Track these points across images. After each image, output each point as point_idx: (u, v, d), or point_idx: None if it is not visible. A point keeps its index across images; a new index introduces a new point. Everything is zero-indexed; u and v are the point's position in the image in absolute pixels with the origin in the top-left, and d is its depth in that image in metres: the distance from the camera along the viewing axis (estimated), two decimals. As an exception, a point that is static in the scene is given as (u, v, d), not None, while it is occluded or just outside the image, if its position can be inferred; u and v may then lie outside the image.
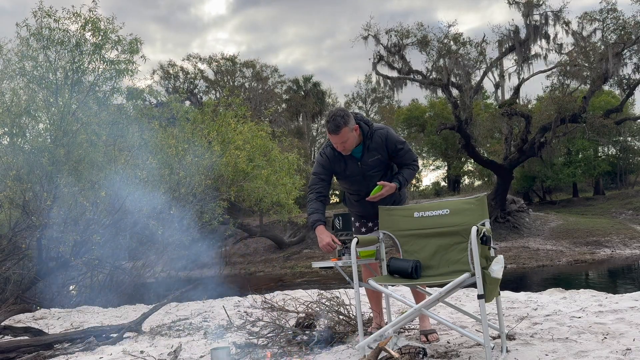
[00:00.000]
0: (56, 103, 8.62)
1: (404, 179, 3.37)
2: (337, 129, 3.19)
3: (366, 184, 3.39)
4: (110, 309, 6.83)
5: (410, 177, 3.44)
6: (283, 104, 35.50)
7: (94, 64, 8.89)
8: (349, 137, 3.24)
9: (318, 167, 3.48)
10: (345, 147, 3.28)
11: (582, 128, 21.22)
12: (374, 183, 3.35)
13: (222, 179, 10.61)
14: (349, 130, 3.22)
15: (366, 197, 3.35)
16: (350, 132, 3.23)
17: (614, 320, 3.45)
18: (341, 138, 3.23)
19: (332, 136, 3.24)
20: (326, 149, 3.45)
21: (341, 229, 3.18)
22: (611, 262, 17.04)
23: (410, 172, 3.44)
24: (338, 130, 3.19)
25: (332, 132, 3.21)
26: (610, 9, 19.84)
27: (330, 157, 3.42)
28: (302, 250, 23.38)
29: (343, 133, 3.20)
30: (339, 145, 3.28)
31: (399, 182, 3.34)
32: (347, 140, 3.25)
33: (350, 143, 3.28)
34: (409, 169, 3.43)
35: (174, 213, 8.26)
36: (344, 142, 3.25)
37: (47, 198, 7.67)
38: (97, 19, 8.70)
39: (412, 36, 20.95)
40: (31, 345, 4.06)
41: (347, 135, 3.22)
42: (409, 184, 3.53)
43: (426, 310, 2.87)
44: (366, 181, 3.40)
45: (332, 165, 3.43)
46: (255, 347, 3.45)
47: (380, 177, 3.39)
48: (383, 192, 3.27)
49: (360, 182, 3.43)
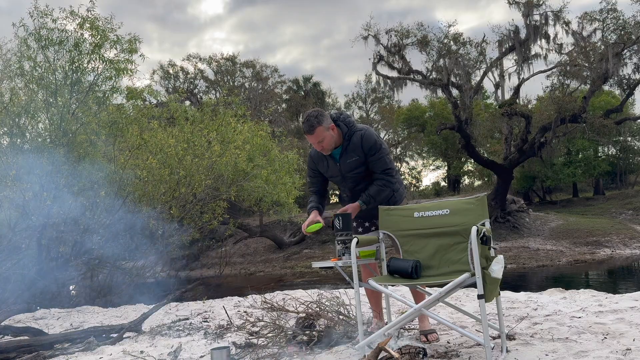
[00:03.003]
0: (56, 103, 8.62)
1: (368, 197, 3.33)
2: (311, 128, 3.24)
3: (347, 185, 3.46)
4: (110, 309, 6.83)
5: (376, 194, 3.33)
6: (283, 104, 35.49)
7: (93, 63, 8.90)
8: (325, 136, 3.27)
9: (308, 169, 3.63)
10: (323, 146, 3.31)
11: (582, 128, 21.21)
12: (354, 184, 3.42)
13: (222, 178, 10.60)
14: (324, 129, 3.25)
15: (352, 197, 3.43)
16: (325, 130, 3.26)
17: (614, 320, 3.45)
18: (317, 137, 3.26)
19: (308, 137, 3.29)
20: (312, 150, 3.54)
21: (341, 229, 3.17)
22: (611, 262, 17.03)
23: (376, 188, 3.33)
24: (312, 130, 3.24)
25: (307, 132, 3.26)
26: (610, 9, 19.83)
27: (314, 158, 3.52)
28: (302, 250, 23.36)
29: (318, 132, 3.24)
30: (317, 145, 3.32)
31: (362, 201, 3.33)
32: (324, 139, 3.28)
33: (328, 142, 3.30)
34: (377, 185, 3.33)
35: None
36: (321, 142, 3.29)
37: (47, 198, 7.66)
38: (96, 18, 8.70)
39: (412, 36, 20.94)
40: (31, 345, 4.06)
41: (322, 134, 3.25)
42: (378, 200, 3.35)
43: (426, 310, 2.86)
44: (346, 182, 3.45)
45: (317, 166, 3.53)
46: (255, 347, 3.45)
47: (361, 179, 3.41)
48: (349, 211, 3.28)
49: (340, 182, 3.50)
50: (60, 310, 6.84)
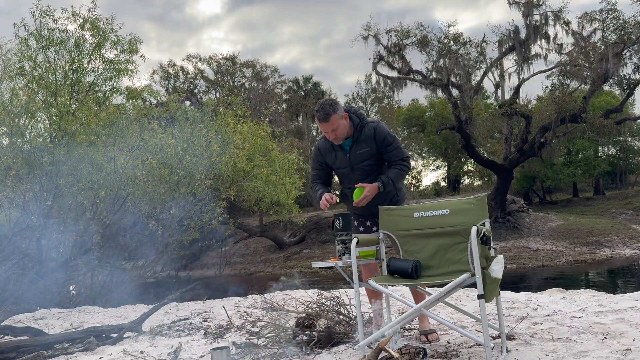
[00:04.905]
0: (56, 103, 8.62)
1: (387, 179, 3.32)
2: (326, 116, 3.22)
3: (354, 177, 3.41)
4: (110, 309, 6.83)
5: (396, 178, 3.35)
6: (283, 104, 35.50)
7: (93, 63, 8.90)
8: (339, 124, 3.26)
9: (314, 162, 3.57)
10: (336, 135, 3.29)
11: (582, 128, 21.21)
12: (362, 176, 3.37)
13: (221, 178, 10.60)
14: (338, 117, 3.25)
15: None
16: (339, 119, 3.26)
17: (614, 320, 3.45)
18: (331, 125, 3.25)
19: (322, 124, 3.26)
20: (320, 141, 3.51)
21: (341, 229, 3.17)
22: (611, 262, 17.04)
23: (396, 172, 3.35)
24: (327, 118, 3.22)
25: (322, 119, 3.24)
26: (610, 9, 19.84)
27: (322, 149, 3.48)
28: (302, 250, 23.36)
29: (333, 120, 3.23)
30: (330, 133, 3.29)
31: (382, 182, 3.30)
32: (338, 127, 3.26)
33: (341, 131, 3.29)
34: (396, 169, 3.35)
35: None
36: (335, 130, 3.27)
37: (47, 198, 7.66)
38: (97, 18, 8.70)
39: (412, 36, 20.95)
40: (31, 345, 4.06)
41: (336, 122, 3.25)
42: (397, 185, 3.41)
43: (426, 310, 2.86)
44: (354, 174, 3.41)
45: (324, 157, 3.48)
46: (255, 347, 3.45)
47: (370, 171, 3.39)
48: (366, 193, 3.25)
49: (348, 174, 3.45)
50: (60, 310, 6.83)
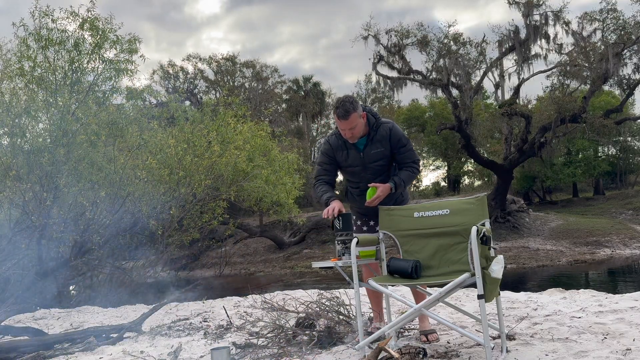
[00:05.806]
0: (56, 103, 8.62)
1: (399, 180, 3.35)
2: (346, 114, 3.21)
3: (366, 176, 3.41)
4: (110, 309, 6.83)
5: (407, 179, 3.40)
6: (283, 104, 35.48)
7: (92, 63, 8.90)
8: (358, 123, 3.26)
9: (322, 156, 3.52)
10: (353, 133, 3.29)
11: (582, 128, 21.20)
12: (373, 176, 3.37)
13: (221, 178, 10.60)
14: (357, 116, 3.24)
15: (365, 191, 3.36)
16: (358, 118, 3.26)
17: (614, 320, 3.45)
18: (350, 124, 3.24)
19: (341, 122, 3.25)
20: (331, 137, 3.48)
21: (341, 229, 3.18)
22: (611, 262, 17.03)
23: (408, 174, 3.40)
24: (347, 116, 3.21)
25: (342, 117, 3.22)
26: (610, 9, 19.82)
27: (334, 145, 3.44)
28: (302, 250, 23.36)
29: (352, 118, 3.22)
30: (347, 131, 3.28)
31: (394, 182, 3.33)
32: (356, 126, 3.26)
33: (359, 130, 3.29)
34: (407, 171, 3.40)
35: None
36: (353, 129, 3.26)
37: (47, 198, 7.66)
38: (96, 18, 8.70)
39: (412, 36, 20.93)
40: (31, 345, 4.06)
41: (356, 121, 3.24)
42: (406, 186, 3.47)
43: (426, 310, 2.86)
44: (366, 173, 3.41)
45: (335, 154, 3.46)
46: (255, 347, 3.45)
47: (381, 171, 3.40)
48: (379, 193, 3.27)
49: (359, 173, 3.44)
50: (60, 310, 6.84)
